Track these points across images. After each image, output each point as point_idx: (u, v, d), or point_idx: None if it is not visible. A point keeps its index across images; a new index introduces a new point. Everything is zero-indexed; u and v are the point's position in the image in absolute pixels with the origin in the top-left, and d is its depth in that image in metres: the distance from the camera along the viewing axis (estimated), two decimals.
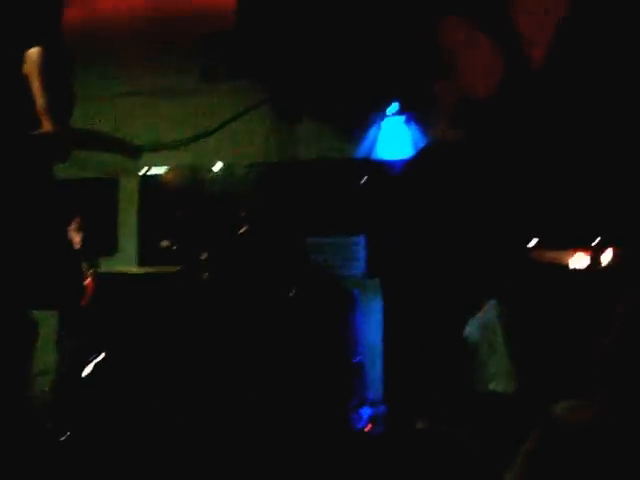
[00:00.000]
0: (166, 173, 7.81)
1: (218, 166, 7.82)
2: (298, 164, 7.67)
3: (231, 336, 6.30)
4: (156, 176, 7.83)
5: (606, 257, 6.12)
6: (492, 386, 5.41)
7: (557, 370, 5.34)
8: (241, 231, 7.26)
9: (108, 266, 7.24)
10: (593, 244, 6.22)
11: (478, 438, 5.20)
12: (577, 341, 5.46)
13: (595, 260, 6.20)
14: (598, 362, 5.07)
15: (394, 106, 7.48)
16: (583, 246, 6.26)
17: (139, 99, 7.86)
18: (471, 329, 5.62)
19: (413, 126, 7.52)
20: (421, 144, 7.45)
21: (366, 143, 7.63)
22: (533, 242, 6.43)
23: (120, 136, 7.67)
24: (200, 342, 6.35)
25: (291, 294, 6.37)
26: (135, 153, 7.55)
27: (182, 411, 6.16)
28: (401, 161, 7.40)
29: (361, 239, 7.46)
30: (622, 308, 4.89)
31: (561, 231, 6.31)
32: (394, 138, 7.57)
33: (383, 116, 7.59)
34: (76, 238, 6.79)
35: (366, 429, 6.03)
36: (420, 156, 7.34)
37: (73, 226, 6.80)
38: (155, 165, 7.83)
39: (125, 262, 7.56)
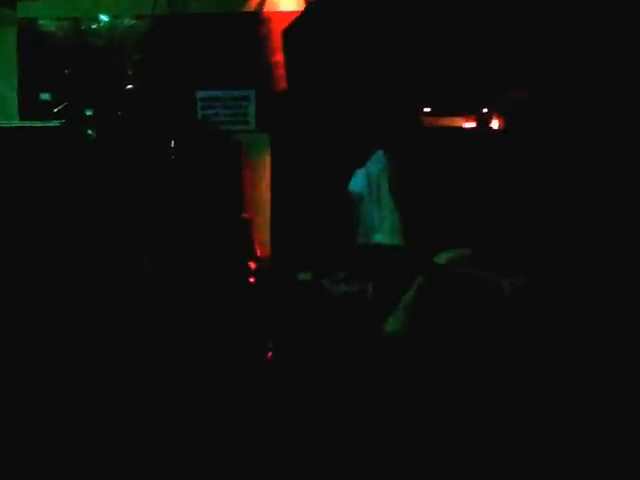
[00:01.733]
0: (47, 23, 7.40)
1: (103, 17, 7.44)
2: (188, 17, 7.39)
3: (114, 191, 6.17)
4: (36, 26, 7.41)
5: (492, 123, 6.28)
6: (377, 238, 5.42)
7: (441, 223, 5.39)
8: (128, 87, 7.03)
9: None
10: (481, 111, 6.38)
11: (362, 289, 5.26)
12: (462, 195, 5.53)
13: (482, 125, 6.34)
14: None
15: None
16: (472, 113, 6.40)
17: None
18: (356, 181, 5.57)
19: None
20: None
21: None
22: (425, 109, 6.51)
23: None
24: (82, 199, 6.20)
25: (172, 145, 6.22)
26: (9, 0, 7.16)
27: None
28: (293, 14, 7.18)
29: (251, 93, 7.30)
30: None
31: (451, 99, 6.39)
32: None
33: None
34: None
35: (250, 281, 6.06)
36: (312, 10, 7.15)
37: None
38: (34, 15, 7.40)
39: (5, 116, 7.22)
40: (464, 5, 6.19)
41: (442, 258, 4.90)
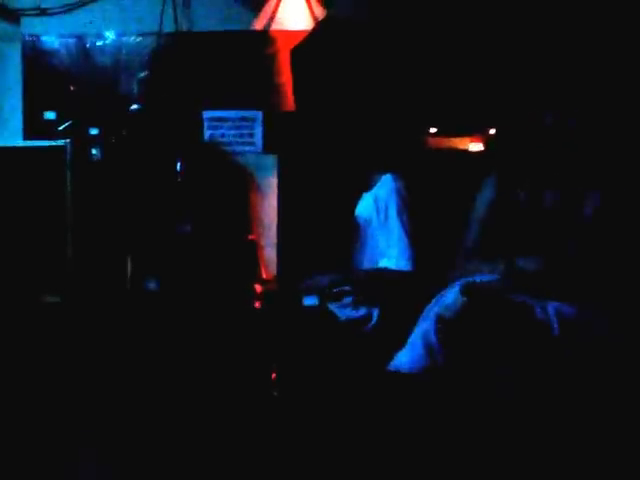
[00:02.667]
0: (51, 40, 7.33)
1: (109, 34, 7.37)
2: (194, 34, 7.31)
3: (117, 209, 6.12)
4: (41, 43, 7.34)
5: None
6: (384, 263, 5.30)
7: (449, 248, 5.29)
8: (133, 107, 6.97)
9: None
10: (488, 132, 6.30)
11: (368, 314, 5.16)
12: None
13: (489, 147, 6.26)
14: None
15: None
16: (478, 134, 6.32)
17: None
18: (364, 204, 5.47)
19: None
20: (323, 16, 7.19)
21: (266, 14, 7.31)
22: (431, 130, 6.43)
23: None
24: (86, 217, 6.15)
25: (177, 165, 6.17)
26: (13, 16, 7.10)
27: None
28: (301, 34, 7.11)
29: (258, 114, 7.22)
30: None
31: (458, 120, 6.32)
32: (294, 9, 7.27)
33: None
34: None
35: (256, 305, 5.97)
36: (321, 29, 7.08)
37: None
38: (39, 32, 7.33)
39: (8, 135, 7.16)
40: (472, 28, 6.16)
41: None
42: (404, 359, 4.20)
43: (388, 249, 5.22)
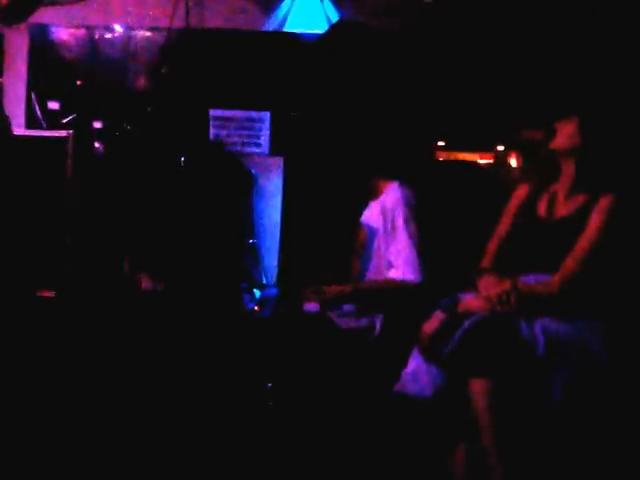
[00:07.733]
0: (59, 31, 7.24)
1: (118, 27, 7.27)
2: (205, 31, 7.23)
3: (118, 204, 6.04)
4: (49, 33, 7.25)
5: (509, 160, 6.15)
6: (390, 274, 5.18)
7: (457, 260, 5.19)
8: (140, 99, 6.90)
9: None
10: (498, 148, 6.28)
11: (370, 325, 5.06)
12: (477, 233, 5.30)
13: (498, 162, 6.22)
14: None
15: None
16: (488, 149, 6.28)
17: None
18: (370, 212, 5.35)
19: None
20: (335, 19, 7.10)
21: (278, 15, 7.23)
22: (440, 143, 6.39)
23: None
24: (86, 211, 6.06)
25: (181, 164, 6.07)
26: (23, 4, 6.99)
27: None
28: (313, 36, 7.03)
29: (266, 115, 7.11)
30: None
31: (467, 134, 6.27)
32: (308, 11, 7.18)
33: None
34: None
35: (255, 310, 5.88)
36: (332, 32, 6.99)
37: None
38: (48, 21, 7.20)
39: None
40: (483, 44, 6.12)
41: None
42: (406, 379, 4.14)
43: (395, 260, 5.10)
